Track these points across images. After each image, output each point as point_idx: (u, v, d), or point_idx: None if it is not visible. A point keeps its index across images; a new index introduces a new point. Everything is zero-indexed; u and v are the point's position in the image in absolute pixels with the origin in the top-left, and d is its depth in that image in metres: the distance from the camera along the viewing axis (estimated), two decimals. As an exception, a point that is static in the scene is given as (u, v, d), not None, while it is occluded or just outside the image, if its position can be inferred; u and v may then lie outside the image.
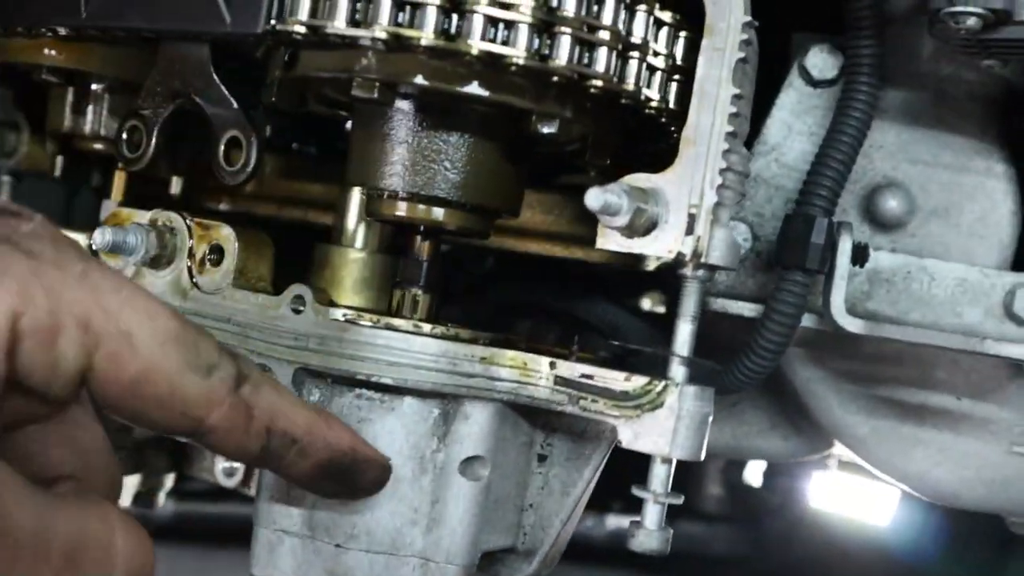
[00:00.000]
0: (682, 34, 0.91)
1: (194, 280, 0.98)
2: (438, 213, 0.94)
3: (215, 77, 0.98)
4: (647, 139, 0.99)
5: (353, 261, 1.01)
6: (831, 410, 1.12)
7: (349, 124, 1.09)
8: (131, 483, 1.25)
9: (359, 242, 1.05)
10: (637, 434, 0.86)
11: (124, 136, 1.05)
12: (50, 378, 0.64)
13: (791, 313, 0.98)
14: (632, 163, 0.93)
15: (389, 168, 0.93)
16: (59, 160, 1.25)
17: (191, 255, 0.99)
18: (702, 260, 0.85)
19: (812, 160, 1.02)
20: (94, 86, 1.09)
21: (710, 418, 0.87)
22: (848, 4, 1.01)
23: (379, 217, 0.96)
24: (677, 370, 0.87)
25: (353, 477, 0.85)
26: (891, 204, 1.06)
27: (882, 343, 1.03)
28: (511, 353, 0.91)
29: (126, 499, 1.25)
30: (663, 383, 0.86)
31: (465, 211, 0.94)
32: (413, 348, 0.88)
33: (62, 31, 0.98)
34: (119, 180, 1.21)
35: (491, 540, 0.93)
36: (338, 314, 0.91)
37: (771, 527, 2.41)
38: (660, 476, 0.87)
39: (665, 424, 0.85)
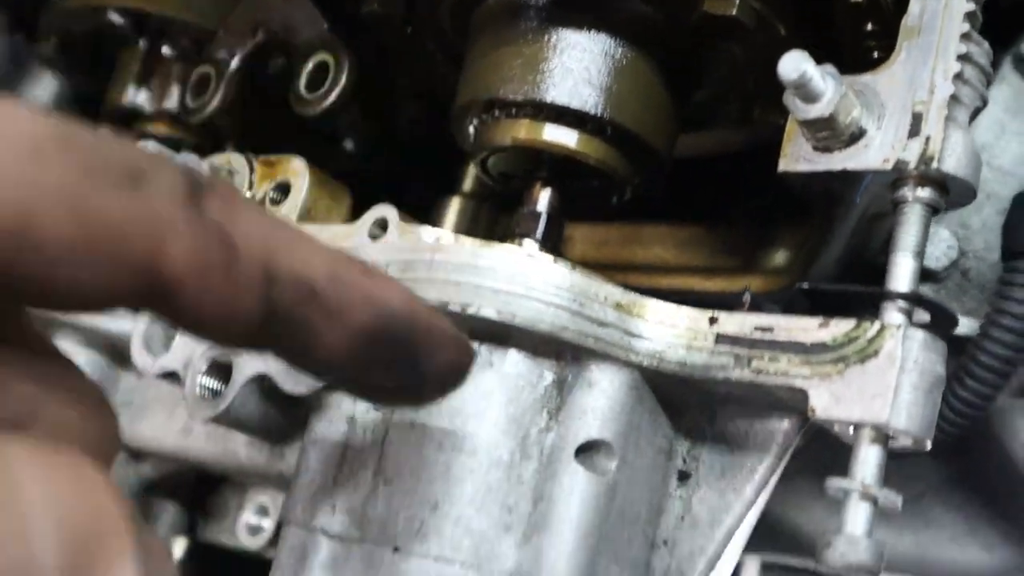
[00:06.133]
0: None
1: (249, 218, 0.78)
2: (569, 137, 0.73)
3: (307, -8, 0.83)
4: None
5: (451, 206, 0.80)
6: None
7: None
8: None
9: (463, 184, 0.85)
10: (838, 398, 0.60)
11: (191, 83, 0.88)
12: None
13: (1020, 314, 0.73)
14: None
15: (510, 72, 0.73)
16: None
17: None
18: (933, 166, 0.62)
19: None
20: (165, 49, 0.93)
21: (943, 384, 0.61)
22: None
23: (493, 147, 0.76)
24: (894, 314, 0.62)
25: (415, 355, 0.50)
26: None
27: None
28: (657, 303, 0.67)
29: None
30: (877, 324, 0.61)
31: (604, 138, 0.73)
32: (528, 272, 0.65)
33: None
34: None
35: (610, 571, 0.66)
36: (429, 235, 0.68)
37: None
38: (871, 460, 0.59)
39: (882, 379, 0.59)
